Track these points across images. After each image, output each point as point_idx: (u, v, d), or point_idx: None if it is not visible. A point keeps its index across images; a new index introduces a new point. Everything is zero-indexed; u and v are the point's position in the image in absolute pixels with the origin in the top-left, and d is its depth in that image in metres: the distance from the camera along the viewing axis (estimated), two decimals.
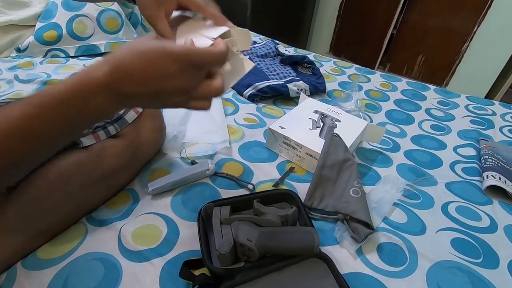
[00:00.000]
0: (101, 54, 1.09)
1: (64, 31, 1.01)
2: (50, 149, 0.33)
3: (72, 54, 1.05)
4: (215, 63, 0.32)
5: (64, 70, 0.95)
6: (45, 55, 1.03)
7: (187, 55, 0.29)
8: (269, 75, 0.97)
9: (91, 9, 1.04)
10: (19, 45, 1.02)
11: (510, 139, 0.85)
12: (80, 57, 1.06)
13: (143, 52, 0.29)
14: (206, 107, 0.34)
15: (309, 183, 0.58)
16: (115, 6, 1.12)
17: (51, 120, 0.29)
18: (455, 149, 0.79)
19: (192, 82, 0.31)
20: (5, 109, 0.29)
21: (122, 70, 0.29)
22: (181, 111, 0.77)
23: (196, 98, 0.33)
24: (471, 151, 0.77)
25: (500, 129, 0.89)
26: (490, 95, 2.01)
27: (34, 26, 1.03)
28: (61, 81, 0.29)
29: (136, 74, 0.29)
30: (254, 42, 1.22)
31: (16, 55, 1.02)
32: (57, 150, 0.34)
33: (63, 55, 1.04)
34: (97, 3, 0.47)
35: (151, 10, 0.38)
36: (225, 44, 0.33)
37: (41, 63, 0.99)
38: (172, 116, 0.71)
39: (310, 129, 0.69)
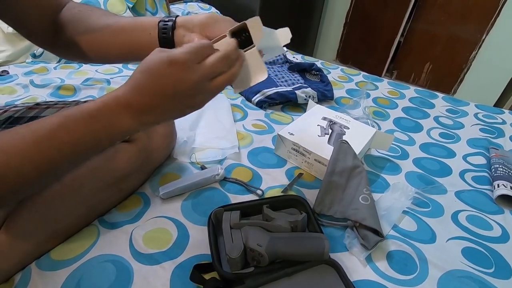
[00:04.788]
0: None
1: None
2: (75, 163, 0.35)
3: None
4: (205, 50, 0.34)
5: (77, 75, 0.97)
6: (59, 61, 1.06)
7: (179, 56, 0.32)
8: (278, 81, 0.98)
9: None
10: (35, 51, 1.05)
11: None
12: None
13: (147, 66, 0.32)
14: (227, 80, 0.36)
15: (318, 190, 0.58)
16: (127, 12, 1.15)
17: (79, 133, 0.31)
18: (464, 157, 0.78)
19: (197, 73, 0.33)
20: (35, 123, 0.31)
21: (137, 87, 0.33)
22: (191, 116, 0.78)
23: (211, 79, 0.34)
24: (481, 160, 0.77)
25: (511, 138, 0.88)
26: (499, 104, 1.99)
27: None
28: (88, 101, 0.32)
29: (147, 87, 0.32)
30: None
31: (32, 61, 1.05)
32: (81, 164, 0.36)
33: None
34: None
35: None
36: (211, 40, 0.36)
37: (55, 68, 1.01)
38: (182, 121, 0.72)
39: (318, 136, 0.70)
